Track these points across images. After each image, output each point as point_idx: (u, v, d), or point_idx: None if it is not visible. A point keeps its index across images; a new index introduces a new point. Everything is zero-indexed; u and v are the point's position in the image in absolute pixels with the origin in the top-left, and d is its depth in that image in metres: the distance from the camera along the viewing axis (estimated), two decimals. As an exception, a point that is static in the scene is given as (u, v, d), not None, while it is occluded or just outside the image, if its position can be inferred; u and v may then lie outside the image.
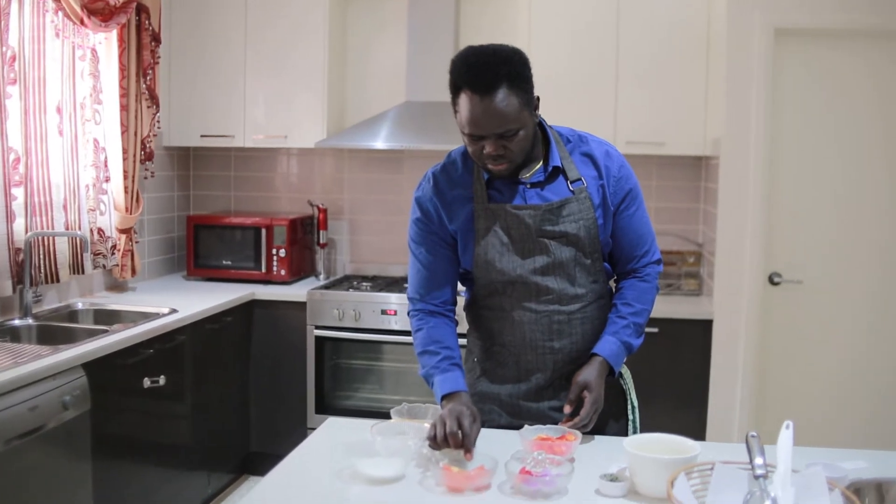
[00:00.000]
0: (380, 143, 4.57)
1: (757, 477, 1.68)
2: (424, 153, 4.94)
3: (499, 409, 2.36)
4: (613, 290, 2.42)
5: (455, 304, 2.39)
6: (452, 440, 1.97)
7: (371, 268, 5.15)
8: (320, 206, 5.00)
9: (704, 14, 4.39)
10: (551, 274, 2.25)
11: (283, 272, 4.75)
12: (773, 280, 4.26)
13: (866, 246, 4.23)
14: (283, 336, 4.55)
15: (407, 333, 4.44)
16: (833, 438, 3.80)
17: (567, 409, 2.19)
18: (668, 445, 1.92)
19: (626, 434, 2.38)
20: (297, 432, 4.54)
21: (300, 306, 4.52)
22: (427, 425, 2.12)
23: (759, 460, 1.70)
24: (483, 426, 2.25)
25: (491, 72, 2.05)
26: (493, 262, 2.25)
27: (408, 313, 2.40)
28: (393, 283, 4.76)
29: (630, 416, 2.40)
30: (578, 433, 2.07)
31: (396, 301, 4.41)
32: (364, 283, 4.73)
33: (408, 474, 1.94)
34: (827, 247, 4.25)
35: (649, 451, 1.87)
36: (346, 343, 4.52)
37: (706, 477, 1.75)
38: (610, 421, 2.36)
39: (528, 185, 2.25)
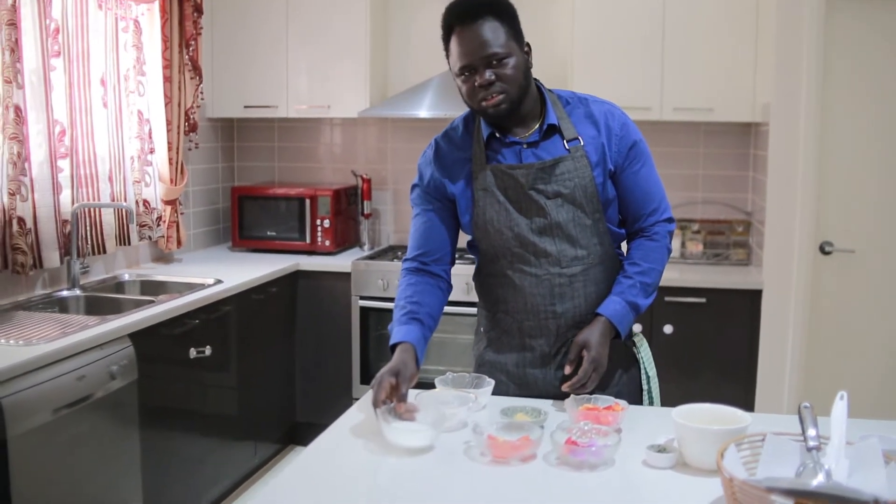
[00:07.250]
0: (423, 112, 4.52)
1: (810, 449, 1.63)
2: (468, 122, 4.88)
3: (506, 380, 2.32)
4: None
5: (448, 265, 2.37)
6: (382, 392, 2.01)
7: (415, 238, 5.11)
8: (364, 176, 4.98)
9: (754, -24, 4.28)
10: (549, 235, 2.21)
11: (327, 243, 4.75)
12: (824, 249, 4.16)
13: (922, 214, 4.11)
14: (328, 307, 4.55)
15: (452, 304, 4.38)
16: (884, 411, 3.72)
17: (567, 370, 2.16)
18: (717, 416, 1.87)
19: (640, 403, 2.33)
20: (341, 403, 4.55)
21: (345, 277, 4.51)
22: (473, 395, 2.10)
23: (811, 432, 1.65)
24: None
25: (474, 5, 2.12)
26: (492, 221, 2.23)
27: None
28: (436, 254, 4.72)
29: (645, 387, 2.34)
30: (626, 403, 2.04)
31: (440, 271, 4.37)
32: (408, 254, 4.70)
33: (448, 443, 1.91)
34: (880, 215, 4.14)
35: (698, 421, 1.83)
36: (390, 314, 4.48)
37: (757, 448, 1.70)
38: (617, 375, 2.29)
39: (525, 146, 2.23)
